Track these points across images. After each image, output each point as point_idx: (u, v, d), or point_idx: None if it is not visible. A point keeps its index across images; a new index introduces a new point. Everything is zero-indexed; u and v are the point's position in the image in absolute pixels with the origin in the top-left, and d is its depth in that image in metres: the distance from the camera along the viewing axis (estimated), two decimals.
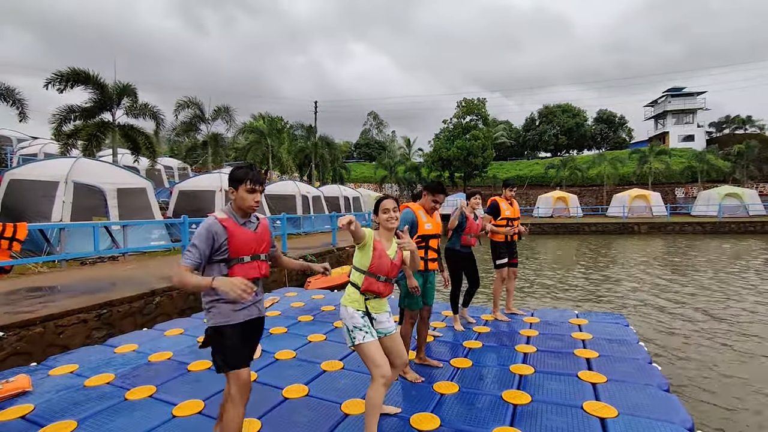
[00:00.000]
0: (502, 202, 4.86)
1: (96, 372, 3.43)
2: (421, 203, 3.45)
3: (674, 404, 2.76)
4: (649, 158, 32.81)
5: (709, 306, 7.94)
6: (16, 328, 4.00)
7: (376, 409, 2.23)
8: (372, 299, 2.37)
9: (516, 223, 4.88)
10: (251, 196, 2.08)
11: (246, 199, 2.07)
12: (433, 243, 3.42)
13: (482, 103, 39.15)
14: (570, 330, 4.40)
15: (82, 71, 12.21)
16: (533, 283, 10.66)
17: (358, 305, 2.32)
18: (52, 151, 17.73)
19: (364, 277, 2.32)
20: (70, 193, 8.32)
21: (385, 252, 2.37)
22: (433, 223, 3.41)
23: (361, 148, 58.44)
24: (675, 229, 23.46)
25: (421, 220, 3.33)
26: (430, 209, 3.40)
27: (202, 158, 20.04)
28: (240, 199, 2.08)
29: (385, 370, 2.22)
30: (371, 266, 2.31)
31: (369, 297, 2.36)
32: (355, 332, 2.27)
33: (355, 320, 2.28)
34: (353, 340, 2.27)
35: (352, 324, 2.28)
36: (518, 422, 2.61)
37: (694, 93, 45.88)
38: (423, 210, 3.40)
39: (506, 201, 4.90)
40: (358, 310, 2.31)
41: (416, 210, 3.37)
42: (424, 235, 3.35)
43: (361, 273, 2.33)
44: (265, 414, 2.74)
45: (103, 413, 2.78)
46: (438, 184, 3.38)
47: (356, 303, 2.33)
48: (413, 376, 3.22)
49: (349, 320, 2.30)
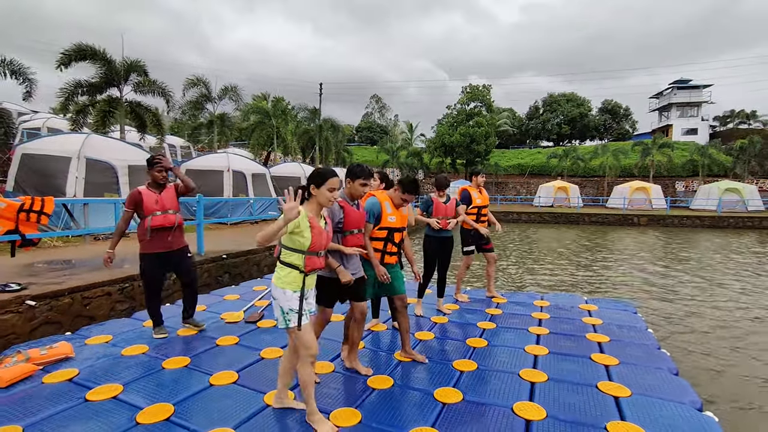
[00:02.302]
0: (472, 191, 4.92)
1: (130, 343, 3.58)
2: (389, 194, 3.34)
3: (684, 386, 2.92)
4: (652, 150, 32.81)
5: (705, 296, 8.16)
6: (46, 299, 4.13)
7: (309, 385, 2.36)
8: (310, 275, 2.37)
9: (485, 210, 4.98)
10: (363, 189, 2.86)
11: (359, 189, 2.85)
12: (396, 236, 3.27)
13: (487, 90, 38.82)
14: (580, 315, 4.57)
15: (88, 47, 12.06)
16: (533, 269, 10.86)
17: (295, 286, 2.28)
18: (56, 126, 17.61)
19: (305, 257, 2.28)
20: (82, 169, 8.36)
21: (321, 227, 2.34)
22: (397, 216, 3.29)
23: (362, 132, 58.03)
24: (674, 221, 23.70)
25: (385, 212, 3.21)
26: (397, 204, 3.30)
27: (208, 138, 19.92)
28: (354, 188, 2.84)
29: (314, 351, 2.31)
30: (312, 245, 2.27)
31: (309, 274, 2.34)
32: (290, 315, 2.27)
33: (292, 303, 2.27)
34: (287, 323, 2.28)
35: (288, 306, 2.27)
36: (537, 398, 2.77)
37: (700, 86, 45.56)
38: (390, 201, 3.28)
39: (476, 189, 4.96)
40: (296, 291, 2.28)
41: (382, 200, 3.24)
42: (388, 227, 3.22)
43: (300, 254, 2.27)
44: (295, 387, 2.88)
45: (145, 379, 2.92)
46: (413, 183, 3.27)
47: (293, 284, 2.28)
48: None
49: (285, 302, 2.27)
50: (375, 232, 3.20)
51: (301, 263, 2.28)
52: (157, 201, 3.60)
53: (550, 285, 9.26)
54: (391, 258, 3.29)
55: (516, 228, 22.35)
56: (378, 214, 3.19)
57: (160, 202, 3.61)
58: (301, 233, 2.24)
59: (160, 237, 3.61)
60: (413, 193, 3.24)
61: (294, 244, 2.27)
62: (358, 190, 2.87)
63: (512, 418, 2.52)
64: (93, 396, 2.66)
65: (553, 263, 11.90)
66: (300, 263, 2.28)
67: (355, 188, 2.86)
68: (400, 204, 3.31)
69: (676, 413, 2.55)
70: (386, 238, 3.22)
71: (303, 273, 2.30)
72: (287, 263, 2.29)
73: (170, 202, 3.68)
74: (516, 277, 10.22)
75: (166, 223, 3.60)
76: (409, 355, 3.36)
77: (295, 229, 2.21)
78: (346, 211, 2.83)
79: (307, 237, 2.25)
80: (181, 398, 2.66)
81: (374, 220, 3.18)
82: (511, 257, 12.98)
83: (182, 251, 3.80)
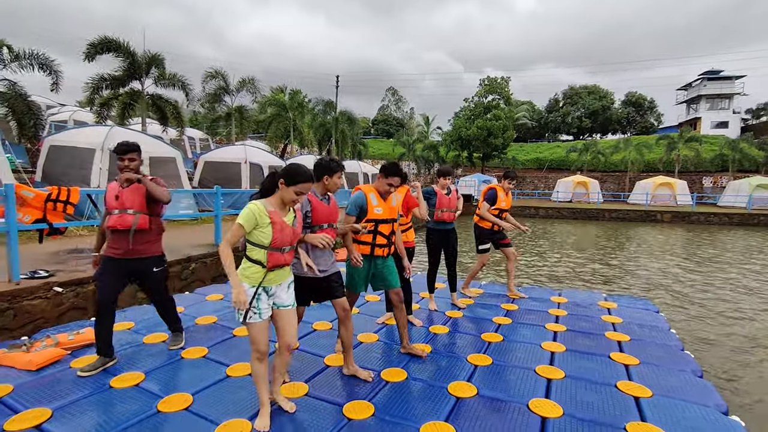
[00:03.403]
0: (500, 192, 4.84)
1: (150, 330, 3.68)
2: (375, 186, 3.21)
3: (708, 389, 2.83)
4: (678, 145, 31.64)
5: (733, 296, 7.87)
6: (72, 285, 4.29)
7: (260, 379, 2.32)
8: (275, 271, 2.29)
9: (505, 215, 4.92)
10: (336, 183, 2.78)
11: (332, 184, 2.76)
12: (383, 228, 3.14)
13: (506, 82, 38.10)
14: (599, 313, 4.47)
15: (113, 39, 12.35)
16: (551, 265, 10.68)
17: (251, 281, 2.23)
18: (82, 119, 18.15)
19: (267, 253, 2.21)
20: (106, 161, 8.60)
21: (285, 223, 2.26)
22: (385, 207, 3.14)
23: (378, 125, 57.86)
24: (700, 219, 22.87)
25: (370, 204, 3.10)
26: (384, 192, 3.16)
27: (227, 130, 20.20)
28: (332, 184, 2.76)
29: (262, 348, 2.27)
30: (273, 241, 2.21)
31: (273, 270, 2.28)
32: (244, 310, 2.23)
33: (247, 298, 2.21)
34: (240, 317, 2.24)
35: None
36: (553, 396, 2.72)
37: (732, 77, 43.56)
38: (375, 193, 3.16)
39: (504, 191, 4.87)
40: (253, 286, 2.22)
41: (367, 192, 3.13)
42: (374, 219, 3.10)
43: (261, 249, 2.21)
44: (310, 378, 2.92)
45: (165, 368, 3.00)
46: (393, 166, 3.13)
47: (250, 279, 2.23)
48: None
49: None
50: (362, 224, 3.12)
51: (264, 259, 2.22)
52: (117, 197, 2.97)
53: (566, 280, 9.09)
54: (380, 250, 3.16)
55: (534, 223, 21.99)
56: (363, 207, 3.08)
57: (120, 199, 2.97)
58: (260, 229, 2.18)
59: (117, 239, 2.99)
60: (396, 176, 3.09)
61: (255, 239, 2.21)
62: (336, 185, 2.77)
63: (528, 414, 2.49)
64: (116, 383, 2.74)
65: (570, 259, 11.67)
66: (263, 259, 2.22)
67: (333, 184, 2.76)
68: (387, 191, 3.14)
69: (699, 416, 2.47)
70: (373, 230, 3.11)
71: (265, 269, 2.24)
72: (251, 258, 2.24)
73: (132, 201, 2.98)
74: (532, 272, 10.08)
75: (119, 225, 2.93)
76: (407, 350, 3.33)
77: (255, 225, 2.18)
78: (313, 206, 2.67)
79: (267, 233, 2.18)
80: (199, 388, 2.72)
81: (358, 212, 3.08)
82: (526, 253, 12.79)
83: (146, 262, 3.09)
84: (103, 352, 2.97)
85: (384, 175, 3.11)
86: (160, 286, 3.26)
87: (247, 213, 2.17)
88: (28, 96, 11.78)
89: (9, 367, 2.93)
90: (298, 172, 2.23)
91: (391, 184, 3.11)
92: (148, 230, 3.06)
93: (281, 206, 2.27)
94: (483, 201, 4.82)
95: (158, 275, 3.20)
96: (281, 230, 2.22)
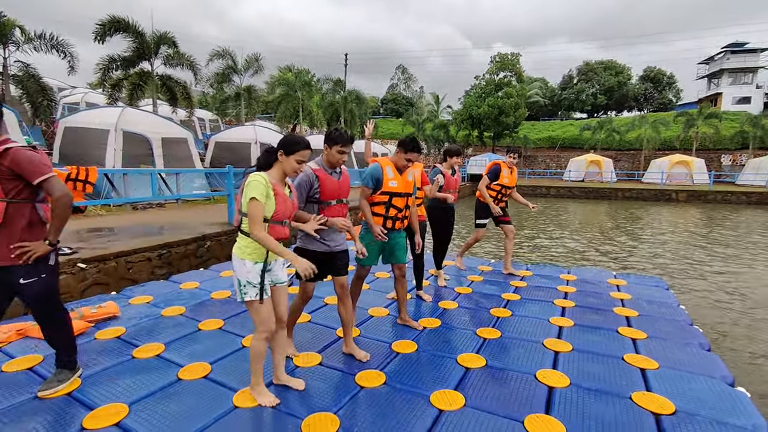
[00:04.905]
0: (504, 168, 4.79)
1: (168, 304, 3.82)
2: (393, 159, 3.22)
3: (715, 361, 2.86)
4: (697, 121, 30.65)
5: (746, 276, 7.78)
6: (95, 262, 4.45)
7: (259, 357, 2.30)
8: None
9: (509, 191, 4.89)
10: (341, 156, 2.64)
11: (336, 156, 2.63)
12: (397, 202, 3.16)
13: (516, 59, 37.02)
14: (608, 289, 4.49)
15: (122, 19, 12.29)
16: (557, 244, 10.64)
17: (256, 257, 2.19)
18: (93, 100, 18.28)
19: (268, 227, 2.17)
20: (120, 141, 8.72)
21: (285, 194, 2.26)
22: (400, 180, 3.15)
23: (388, 104, 57.06)
24: (716, 198, 22.37)
25: (386, 176, 3.10)
26: (402, 167, 3.18)
27: (236, 110, 20.17)
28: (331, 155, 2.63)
29: (270, 326, 2.25)
30: (276, 213, 2.18)
31: None
32: (247, 288, 2.18)
33: (251, 275, 2.17)
34: (243, 296, 2.20)
35: (246, 279, 2.18)
36: (560, 367, 2.78)
37: (757, 49, 41.57)
38: (392, 166, 3.17)
39: (508, 167, 4.82)
40: (257, 262, 2.19)
41: (384, 165, 3.14)
42: (388, 192, 3.12)
43: (263, 222, 2.15)
44: (323, 349, 3.02)
45: (183, 340, 3.13)
46: (412, 141, 3.13)
47: (254, 254, 2.18)
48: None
49: (244, 274, 2.18)
50: (377, 197, 3.15)
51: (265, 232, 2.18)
52: None
53: (572, 260, 9.07)
54: (392, 223, 3.20)
55: (544, 203, 21.78)
56: (379, 178, 3.10)
57: None
58: (268, 201, 2.15)
59: None
60: (415, 151, 3.11)
61: None
62: (335, 158, 2.64)
63: (535, 384, 2.56)
64: (139, 354, 2.88)
65: (581, 237, 11.60)
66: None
67: (332, 155, 2.64)
68: (405, 166, 3.17)
69: (705, 387, 2.51)
70: (387, 203, 3.14)
71: None
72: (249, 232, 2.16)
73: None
74: (543, 249, 10.06)
75: None
76: (404, 321, 3.48)
77: (266, 197, 2.14)
78: (321, 180, 2.62)
79: (270, 205, 2.14)
80: (217, 358, 2.84)
81: (374, 184, 3.10)
82: (535, 230, 12.74)
83: (8, 271, 2.13)
84: None
85: (404, 150, 3.12)
86: (40, 305, 2.26)
87: (257, 184, 2.09)
88: (40, 77, 11.88)
89: (39, 339, 3.09)
90: (294, 140, 2.23)
91: (410, 159, 3.14)
92: (2, 224, 2.07)
93: (280, 179, 2.27)
94: (485, 175, 4.82)
95: (31, 289, 2.17)
96: (284, 202, 2.22)
